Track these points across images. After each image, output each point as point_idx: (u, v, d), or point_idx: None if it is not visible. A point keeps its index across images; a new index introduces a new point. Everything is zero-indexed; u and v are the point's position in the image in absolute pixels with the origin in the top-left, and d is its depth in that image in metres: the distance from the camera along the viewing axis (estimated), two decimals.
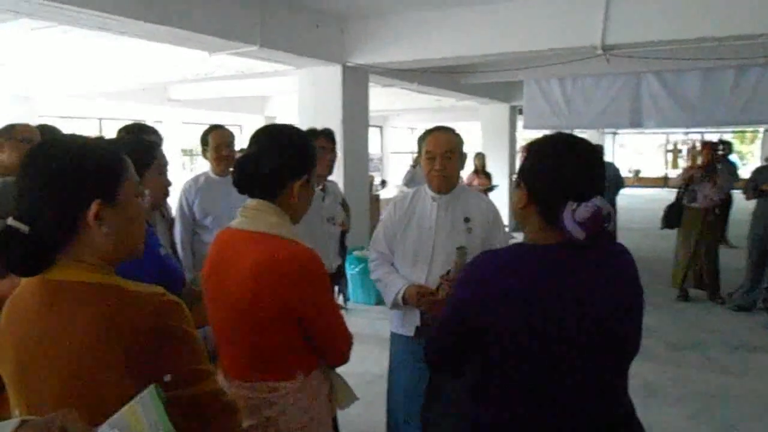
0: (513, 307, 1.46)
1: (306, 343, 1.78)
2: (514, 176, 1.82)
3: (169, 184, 2.34)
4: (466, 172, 10.46)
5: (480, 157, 10.31)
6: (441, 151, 2.75)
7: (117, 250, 1.25)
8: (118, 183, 1.24)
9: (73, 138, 1.30)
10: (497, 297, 1.48)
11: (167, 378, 1.14)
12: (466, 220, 2.79)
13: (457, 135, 2.84)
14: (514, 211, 1.65)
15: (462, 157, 2.87)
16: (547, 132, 1.80)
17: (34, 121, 3.88)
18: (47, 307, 1.19)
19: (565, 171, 1.51)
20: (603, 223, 1.44)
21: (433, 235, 2.80)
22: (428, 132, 2.86)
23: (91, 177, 1.20)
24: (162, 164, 2.24)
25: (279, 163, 1.78)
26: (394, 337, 2.96)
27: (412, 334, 2.82)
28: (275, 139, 1.84)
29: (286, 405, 1.75)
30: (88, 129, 11.64)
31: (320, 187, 3.71)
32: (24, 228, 1.16)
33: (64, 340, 1.15)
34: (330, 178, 4.00)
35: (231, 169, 1.94)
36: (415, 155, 2.96)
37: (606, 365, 1.53)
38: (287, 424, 1.76)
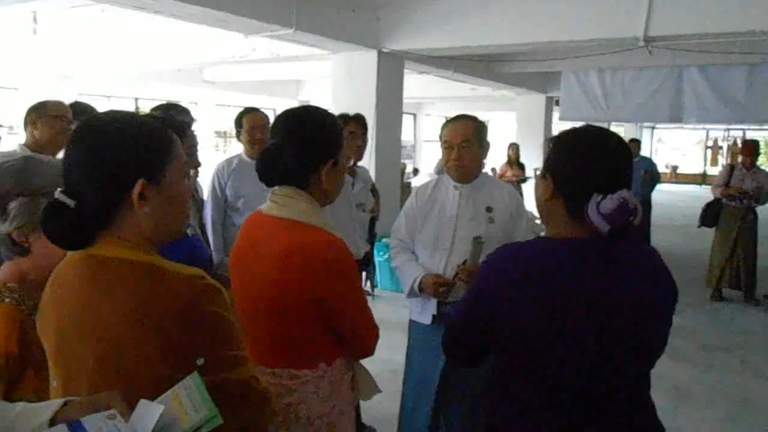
0: (533, 301, 1.42)
1: (330, 333, 1.75)
2: (538, 168, 1.76)
3: (198, 164, 2.34)
4: (500, 162, 10.36)
5: (514, 147, 10.18)
6: (457, 141, 2.70)
7: (158, 230, 1.25)
8: (165, 163, 1.23)
9: (123, 115, 1.29)
10: (518, 291, 1.45)
11: (200, 361, 1.14)
12: (489, 209, 2.75)
13: (478, 122, 2.76)
14: (538, 204, 1.60)
15: (484, 145, 2.80)
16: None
17: (74, 99, 3.94)
18: (86, 282, 1.20)
19: (594, 163, 1.46)
20: (629, 216, 1.39)
21: (455, 223, 2.76)
22: (448, 121, 2.82)
23: (138, 156, 1.20)
24: (191, 145, 2.24)
25: (302, 152, 1.73)
26: (412, 325, 2.95)
27: (429, 322, 2.80)
28: (296, 127, 1.77)
29: (307, 393, 1.74)
30: (124, 108, 11.77)
31: (351, 168, 3.69)
32: (70, 202, 1.17)
33: (100, 315, 1.17)
34: (361, 163, 3.97)
35: None
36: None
37: (630, 365, 1.48)
38: (308, 412, 1.74)
